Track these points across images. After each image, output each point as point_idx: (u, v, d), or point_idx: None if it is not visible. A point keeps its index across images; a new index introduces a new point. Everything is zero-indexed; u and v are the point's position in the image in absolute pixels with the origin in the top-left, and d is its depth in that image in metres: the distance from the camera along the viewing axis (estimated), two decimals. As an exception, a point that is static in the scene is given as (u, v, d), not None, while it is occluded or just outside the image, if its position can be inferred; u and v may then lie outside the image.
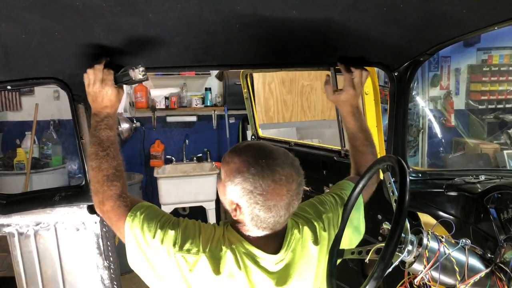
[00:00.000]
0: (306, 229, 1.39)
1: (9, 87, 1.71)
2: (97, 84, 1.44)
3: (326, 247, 1.41)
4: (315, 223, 1.43)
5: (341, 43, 1.63)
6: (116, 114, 1.51)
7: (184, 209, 5.04)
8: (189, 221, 1.32)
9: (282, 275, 1.30)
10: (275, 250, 1.30)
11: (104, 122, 1.45)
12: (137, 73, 1.46)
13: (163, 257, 1.23)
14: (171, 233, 1.25)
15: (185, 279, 1.23)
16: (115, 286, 2.04)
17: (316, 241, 1.39)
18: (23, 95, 4.87)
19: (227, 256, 1.24)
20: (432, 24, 1.46)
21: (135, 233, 1.27)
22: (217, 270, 1.22)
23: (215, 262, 1.23)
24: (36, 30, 1.34)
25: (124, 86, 1.56)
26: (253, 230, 1.27)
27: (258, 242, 1.29)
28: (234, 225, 1.30)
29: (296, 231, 1.36)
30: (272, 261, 1.28)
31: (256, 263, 1.27)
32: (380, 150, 2.22)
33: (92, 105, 1.48)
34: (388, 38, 1.60)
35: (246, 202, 1.22)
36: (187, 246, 1.23)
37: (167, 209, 4.60)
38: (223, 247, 1.25)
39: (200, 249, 1.23)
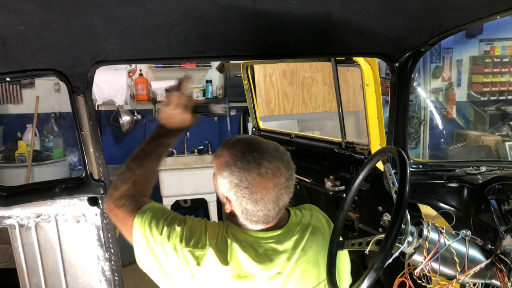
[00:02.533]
0: (307, 213, 1.44)
1: (8, 79, 1.70)
2: (180, 108, 1.47)
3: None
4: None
5: (342, 33, 1.61)
6: (178, 137, 1.54)
7: (185, 201, 5.05)
8: (195, 219, 1.34)
9: (292, 248, 1.32)
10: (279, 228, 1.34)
11: (165, 140, 1.50)
12: (218, 108, 1.53)
13: (170, 253, 1.25)
14: (178, 230, 1.27)
15: (193, 274, 1.24)
16: (116, 278, 2.04)
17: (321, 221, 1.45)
18: (24, 87, 4.86)
19: (233, 246, 1.26)
20: (433, 14, 1.45)
21: (144, 231, 1.28)
22: (225, 261, 1.24)
23: (222, 254, 1.24)
24: (34, 21, 1.33)
25: (125, 78, 1.58)
26: (246, 223, 1.29)
27: (261, 231, 1.31)
28: (233, 220, 1.32)
29: (298, 211, 1.41)
30: (280, 236, 1.31)
31: (265, 244, 1.29)
32: (381, 141, 2.21)
33: (162, 121, 1.52)
34: (389, 29, 1.59)
35: (234, 195, 1.24)
36: (193, 241, 1.25)
37: (168, 201, 4.61)
38: (228, 240, 1.27)
39: (207, 243, 1.25)
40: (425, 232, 1.31)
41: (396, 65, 1.85)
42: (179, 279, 1.26)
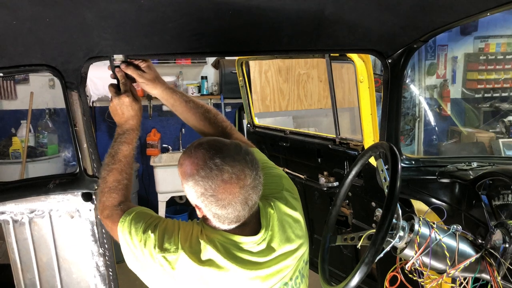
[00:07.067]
0: (278, 204, 1.43)
1: (1, 75, 1.70)
2: (129, 97, 1.55)
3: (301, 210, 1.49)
4: (285, 194, 1.47)
5: (335, 30, 1.62)
6: (139, 128, 1.58)
7: (180, 197, 5.06)
8: (169, 221, 1.36)
9: (266, 253, 1.33)
10: (255, 232, 1.34)
11: (125, 135, 1.54)
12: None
13: (148, 259, 1.28)
14: (151, 236, 1.29)
15: (171, 277, 1.27)
16: (110, 273, 2.05)
17: (294, 208, 1.45)
18: (18, 83, 4.83)
19: (207, 248, 1.27)
20: (425, 10, 1.46)
21: (125, 237, 1.33)
22: (199, 261, 1.25)
23: (196, 255, 1.26)
24: (27, 16, 1.33)
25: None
26: (220, 225, 1.30)
27: (235, 231, 1.32)
28: (207, 222, 1.33)
29: (269, 209, 1.40)
30: (254, 242, 1.31)
31: (239, 248, 1.30)
32: (375, 137, 2.22)
33: (114, 119, 1.58)
34: (381, 25, 1.60)
35: (202, 203, 1.26)
36: (165, 245, 1.28)
37: (163, 197, 4.61)
38: (202, 241, 1.28)
39: (179, 247, 1.27)
40: (416, 226, 1.32)
41: (389, 61, 1.86)
42: (161, 281, 1.29)
